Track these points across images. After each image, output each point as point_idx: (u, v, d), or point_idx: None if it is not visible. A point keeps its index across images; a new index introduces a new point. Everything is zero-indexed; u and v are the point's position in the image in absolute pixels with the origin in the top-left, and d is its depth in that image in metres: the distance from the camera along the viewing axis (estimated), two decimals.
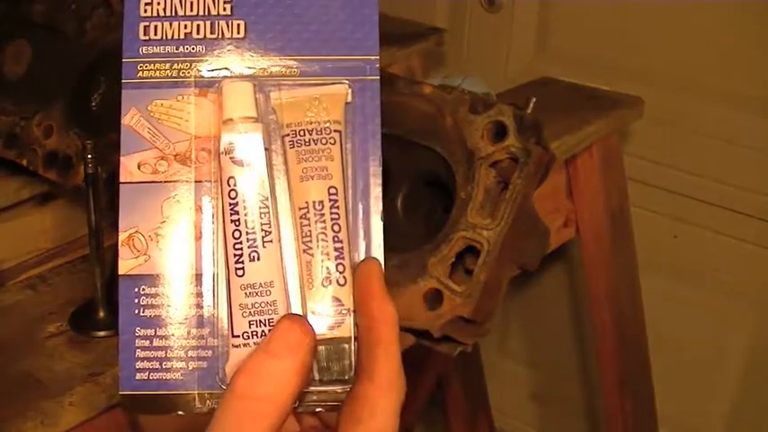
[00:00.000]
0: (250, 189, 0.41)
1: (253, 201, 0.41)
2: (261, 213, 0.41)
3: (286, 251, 0.42)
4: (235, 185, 0.41)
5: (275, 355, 0.38)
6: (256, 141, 0.41)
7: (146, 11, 0.43)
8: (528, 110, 0.75)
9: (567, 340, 1.55)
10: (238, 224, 0.41)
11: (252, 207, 0.41)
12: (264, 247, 0.41)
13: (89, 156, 0.79)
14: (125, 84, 0.43)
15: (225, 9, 0.43)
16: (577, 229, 1.14)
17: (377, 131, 0.43)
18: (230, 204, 0.41)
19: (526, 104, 0.75)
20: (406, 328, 0.74)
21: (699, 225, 1.31)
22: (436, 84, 0.80)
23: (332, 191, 0.42)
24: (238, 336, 0.41)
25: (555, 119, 1.02)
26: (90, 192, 0.80)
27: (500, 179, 0.74)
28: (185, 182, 0.42)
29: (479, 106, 0.75)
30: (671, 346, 1.39)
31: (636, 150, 1.30)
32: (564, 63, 1.33)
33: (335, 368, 0.41)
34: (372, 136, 0.43)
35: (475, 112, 0.75)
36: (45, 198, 0.95)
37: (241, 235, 0.41)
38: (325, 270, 0.41)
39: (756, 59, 1.20)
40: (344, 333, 0.41)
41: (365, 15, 0.43)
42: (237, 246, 0.41)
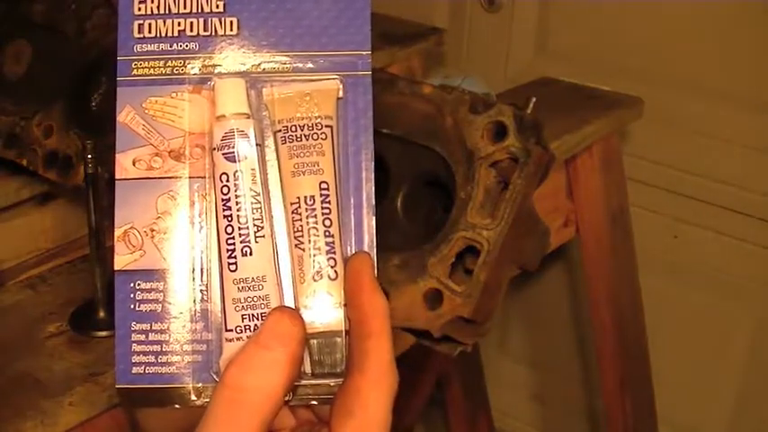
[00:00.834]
0: (242, 185, 0.41)
1: (245, 196, 0.41)
2: (253, 209, 0.41)
3: (278, 246, 0.42)
4: (227, 181, 0.41)
5: (265, 347, 0.38)
6: (248, 137, 0.42)
7: (140, 9, 0.43)
8: (528, 110, 0.75)
9: (567, 340, 1.55)
10: (231, 219, 0.41)
11: (244, 202, 0.41)
12: (257, 242, 0.41)
13: (89, 156, 0.79)
14: (120, 81, 0.43)
15: (218, 6, 0.43)
16: (577, 229, 1.15)
17: (369, 126, 0.43)
18: (223, 200, 0.41)
19: (526, 104, 0.75)
20: (406, 328, 0.74)
21: (699, 225, 1.31)
22: (436, 84, 0.80)
23: (323, 186, 0.42)
24: (231, 330, 0.41)
25: (555, 119, 1.02)
26: (90, 192, 0.80)
27: (500, 179, 0.74)
28: (180, 178, 0.43)
29: (479, 106, 0.75)
30: (671, 346, 1.39)
31: (636, 150, 1.30)
32: (564, 63, 1.33)
33: (328, 361, 0.41)
34: (364, 131, 0.43)
35: (475, 112, 0.75)
36: (45, 198, 0.94)
37: (233, 230, 0.41)
38: (316, 264, 0.42)
39: (756, 59, 1.20)
40: (336, 327, 0.42)
41: (357, 10, 0.44)
42: (230, 241, 0.41)
